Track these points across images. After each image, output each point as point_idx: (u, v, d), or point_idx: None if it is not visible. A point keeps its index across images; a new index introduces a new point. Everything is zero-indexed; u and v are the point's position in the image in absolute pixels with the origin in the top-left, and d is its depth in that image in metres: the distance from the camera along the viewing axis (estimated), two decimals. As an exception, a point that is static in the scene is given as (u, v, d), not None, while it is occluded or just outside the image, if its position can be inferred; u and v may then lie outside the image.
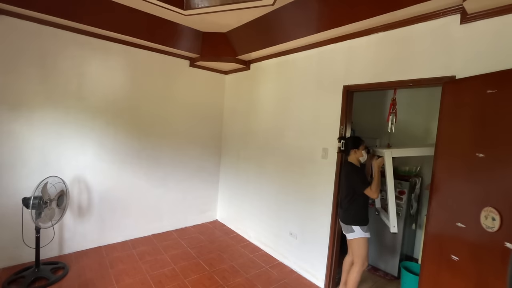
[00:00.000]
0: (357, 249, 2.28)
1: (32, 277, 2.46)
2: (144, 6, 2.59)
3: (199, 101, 4.01)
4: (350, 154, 2.39)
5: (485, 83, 1.50)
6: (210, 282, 2.70)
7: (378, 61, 2.30)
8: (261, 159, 3.52)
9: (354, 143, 2.38)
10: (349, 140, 2.42)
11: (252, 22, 2.81)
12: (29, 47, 2.64)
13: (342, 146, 2.46)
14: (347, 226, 2.32)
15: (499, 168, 1.40)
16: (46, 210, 2.46)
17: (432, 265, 1.75)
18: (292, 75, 3.10)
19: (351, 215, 2.30)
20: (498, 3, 1.59)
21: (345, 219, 2.35)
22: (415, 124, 3.39)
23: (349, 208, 2.32)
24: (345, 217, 2.35)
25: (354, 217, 2.29)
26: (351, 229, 2.29)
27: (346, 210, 2.34)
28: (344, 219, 2.36)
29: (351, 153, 2.38)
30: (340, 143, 2.48)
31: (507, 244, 1.32)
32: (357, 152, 2.37)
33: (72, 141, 2.96)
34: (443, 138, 1.76)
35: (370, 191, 2.19)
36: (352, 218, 2.30)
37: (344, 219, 2.37)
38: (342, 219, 2.40)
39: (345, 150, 2.44)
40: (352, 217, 2.30)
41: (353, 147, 2.37)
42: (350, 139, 2.43)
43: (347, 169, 2.38)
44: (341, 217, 2.43)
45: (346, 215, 2.34)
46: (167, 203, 3.81)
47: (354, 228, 2.27)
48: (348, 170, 2.37)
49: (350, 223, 2.30)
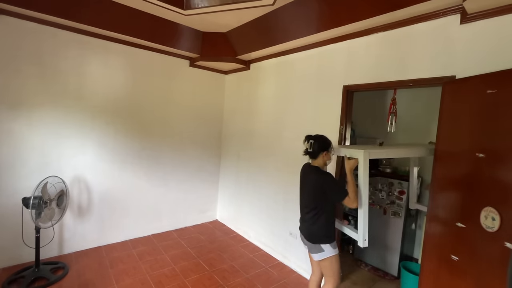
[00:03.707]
0: (329, 269, 1.96)
1: (32, 277, 2.46)
2: (144, 6, 2.59)
3: (199, 101, 4.01)
4: (318, 158, 2.00)
5: (485, 83, 1.50)
6: (210, 282, 2.70)
7: (378, 61, 2.30)
8: (261, 159, 3.52)
9: (324, 144, 2.01)
10: (319, 140, 2.01)
11: (252, 22, 2.81)
12: (29, 47, 2.64)
13: (309, 147, 2.00)
14: (315, 245, 1.95)
15: (499, 168, 1.40)
16: (46, 210, 2.46)
17: (432, 265, 1.75)
18: (292, 75, 3.10)
19: (319, 231, 1.95)
20: (498, 3, 1.59)
21: (312, 237, 1.97)
22: (415, 124, 3.39)
23: (316, 223, 1.95)
24: (312, 235, 1.98)
25: (323, 234, 1.94)
26: (320, 248, 1.93)
27: (312, 225, 1.97)
28: (311, 237, 1.98)
29: (319, 156, 2.00)
30: (308, 143, 2.01)
31: (507, 244, 1.32)
32: (326, 155, 2.00)
33: (72, 141, 2.96)
34: (443, 138, 1.76)
35: (349, 201, 1.85)
36: (320, 236, 1.94)
37: (310, 237, 1.98)
38: (307, 237, 2.01)
39: (312, 152, 2.00)
40: (320, 234, 1.94)
41: (324, 149, 1.99)
42: (320, 139, 2.02)
43: (316, 176, 1.96)
44: (305, 234, 2.04)
45: (313, 232, 1.97)
46: (167, 203, 3.81)
47: (324, 247, 1.92)
48: (317, 178, 1.95)
49: (318, 241, 1.94)
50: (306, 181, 2.06)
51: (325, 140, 2.01)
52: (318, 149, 1.98)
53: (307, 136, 2.05)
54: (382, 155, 2.24)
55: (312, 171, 2.01)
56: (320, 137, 2.03)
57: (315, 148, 1.98)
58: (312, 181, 1.98)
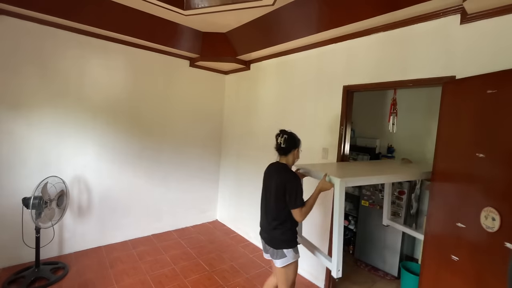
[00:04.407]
0: (285, 277, 1.82)
1: (32, 277, 2.46)
2: (144, 6, 2.59)
3: (199, 101, 4.01)
4: (289, 154, 1.88)
5: (485, 83, 1.49)
6: (210, 282, 2.70)
7: (378, 61, 2.30)
8: (261, 159, 3.51)
9: (296, 140, 1.89)
10: (292, 136, 1.88)
11: (252, 22, 2.81)
12: (29, 47, 2.64)
13: (283, 143, 1.85)
14: (277, 250, 1.80)
15: (499, 168, 1.40)
16: (46, 210, 2.46)
17: (432, 265, 1.75)
18: (292, 75, 3.10)
19: (283, 235, 1.80)
20: (498, 3, 1.59)
21: (274, 241, 1.82)
22: (416, 124, 3.39)
23: (280, 226, 1.80)
24: (274, 239, 1.82)
25: (287, 238, 1.79)
26: (283, 253, 1.78)
27: (275, 229, 1.81)
28: (273, 242, 1.82)
29: (291, 153, 1.88)
30: (281, 138, 1.85)
31: (507, 244, 1.32)
32: (296, 153, 1.90)
33: (72, 141, 2.96)
34: (443, 138, 1.75)
35: (299, 212, 1.71)
36: (284, 240, 1.79)
37: (272, 242, 1.83)
38: (268, 242, 1.86)
39: (285, 148, 1.86)
40: (284, 239, 1.80)
41: (295, 146, 1.88)
42: (293, 135, 1.89)
43: (284, 175, 1.80)
44: (266, 238, 1.88)
45: (275, 235, 1.82)
46: (167, 203, 3.81)
47: (287, 252, 1.78)
48: (283, 176, 1.79)
49: (281, 246, 1.79)
50: (271, 180, 1.87)
51: (296, 136, 1.91)
52: (290, 145, 1.86)
53: (281, 130, 1.90)
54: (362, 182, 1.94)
55: (281, 169, 1.85)
56: (292, 133, 1.91)
57: (288, 143, 1.85)
58: (278, 179, 1.81)
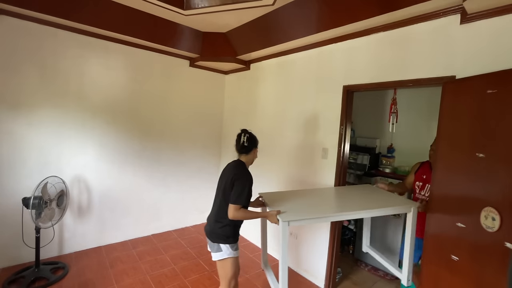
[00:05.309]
0: (223, 272, 1.86)
1: (32, 277, 2.46)
2: (144, 6, 2.59)
3: (199, 101, 4.01)
4: (250, 153, 1.94)
5: (485, 83, 1.50)
6: (210, 282, 2.70)
7: (378, 61, 2.30)
8: (261, 159, 3.50)
9: (256, 140, 1.96)
10: (253, 136, 1.96)
11: (252, 22, 2.81)
12: (29, 47, 2.64)
13: (246, 141, 1.90)
14: (214, 244, 1.84)
15: (499, 168, 1.40)
16: (46, 210, 2.46)
17: (432, 265, 1.75)
18: (292, 75, 3.10)
19: (222, 230, 1.82)
20: (498, 3, 1.59)
21: (213, 235, 1.84)
22: (416, 124, 3.39)
23: (221, 220, 1.82)
24: (212, 233, 1.85)
25: (224, 233, 1.81)
26: (218, 247, 1.82)
27: (216, 222, 1.84)
28: (211, 235, 1.85)
29: (252, 152, 1.95)
30: (244, 137, 1.91)
31: (507, 244, 1.32)
32: (255, 152, 1.97)
33: (72, 140, 2.96)
34: (443, 138, 1.76)
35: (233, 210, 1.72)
36: (221, 235, 1.81)
37: (211, 235, 1.85)
38: (208, 234, 1.89)
39: (247, 146, 1.91)
40: (221, 234, 1.82)
41: (255, 145, 1.95)
42: (253, 134, 1.97)
43: (237, 171, 1.83)
44: (207, 231, 1.91)
45: (214, 229, 1.84)
46: (167, 203, 3.81)
47: (222, 247, 1.81)
48: (236, 172, 1.82)
49: (217, 240, 1.82)
50: (227, 176, 1.87)
51: (255, 136, 1.98)
52: (252, 144, 1.93)
53: (243, 130, 1.96)
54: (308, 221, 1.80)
55: (239, 166, 1.89)
56: (252, 133, 1.97)
57: (250, 142, 1.92)
58: (231, 175, 1.82)
